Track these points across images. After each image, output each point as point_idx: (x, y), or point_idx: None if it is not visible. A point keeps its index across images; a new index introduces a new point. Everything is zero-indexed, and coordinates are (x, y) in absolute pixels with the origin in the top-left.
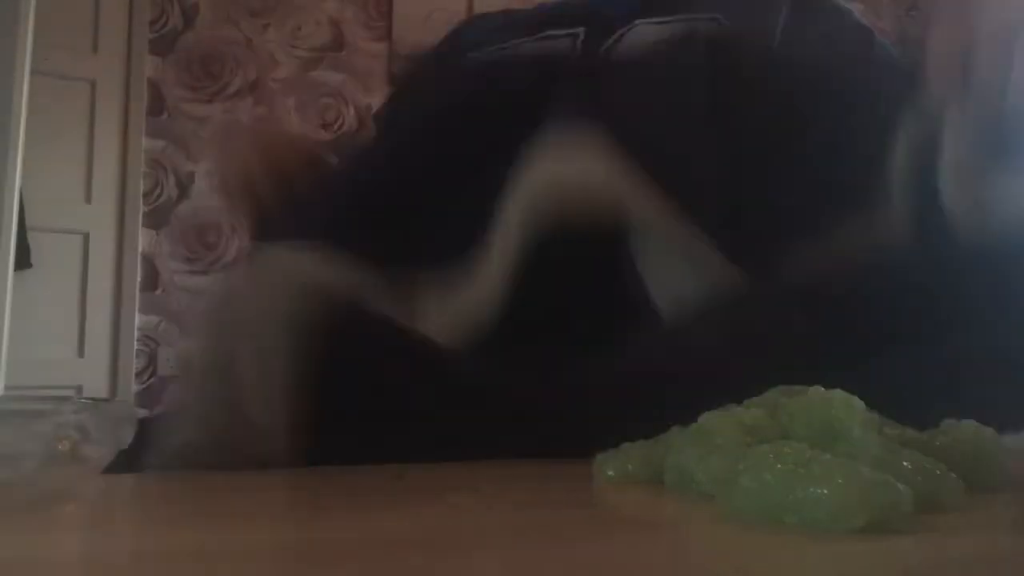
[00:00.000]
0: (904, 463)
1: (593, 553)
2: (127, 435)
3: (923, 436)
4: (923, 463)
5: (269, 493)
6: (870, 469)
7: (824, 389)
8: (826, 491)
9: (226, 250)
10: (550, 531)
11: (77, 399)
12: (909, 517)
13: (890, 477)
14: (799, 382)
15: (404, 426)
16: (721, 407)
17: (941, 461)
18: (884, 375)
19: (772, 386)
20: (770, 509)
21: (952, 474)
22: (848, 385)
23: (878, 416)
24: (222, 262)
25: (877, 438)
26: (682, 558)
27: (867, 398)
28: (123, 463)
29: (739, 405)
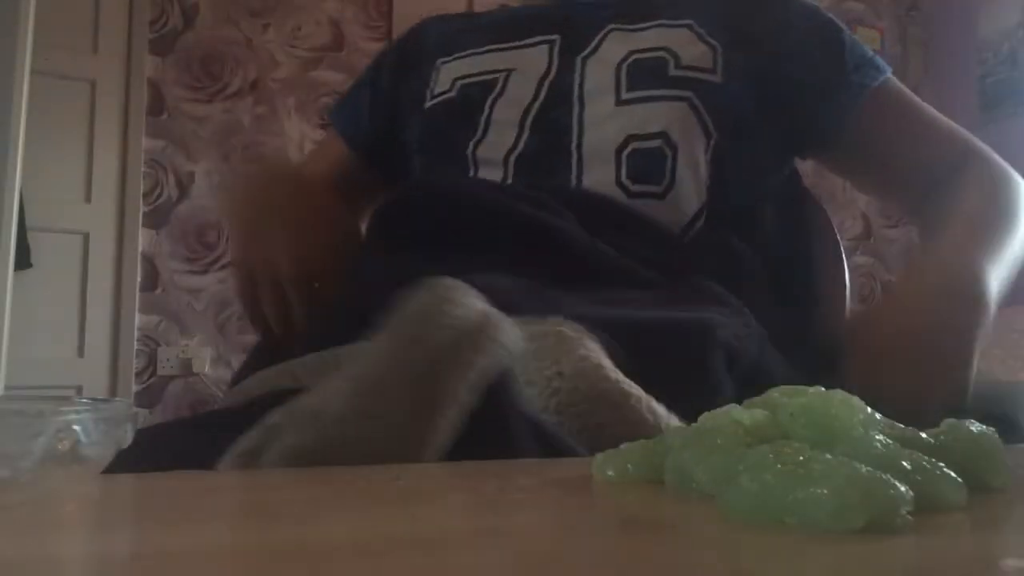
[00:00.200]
0: (904, 463)
1: (593, 553)
2: (127, 435)
3: (923, 436)
4: (923, 463)
5: (269, 493)
6: (870, 469)
7: (824, 389)
8: (826, 491)
9: (226, 250)
10: (550, 531)
11: (77, 399)
12: (909, 517)
13: (890, 477)
14: None
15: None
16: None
17: (941, 461)
18: None
19: None
20: (770, 509)
21: (952, 474)
22: None
23: (878, 416)
24: (222, 262)
25: (877, 438)
26: (682, 558)
27: None
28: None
29: (739, 405)
